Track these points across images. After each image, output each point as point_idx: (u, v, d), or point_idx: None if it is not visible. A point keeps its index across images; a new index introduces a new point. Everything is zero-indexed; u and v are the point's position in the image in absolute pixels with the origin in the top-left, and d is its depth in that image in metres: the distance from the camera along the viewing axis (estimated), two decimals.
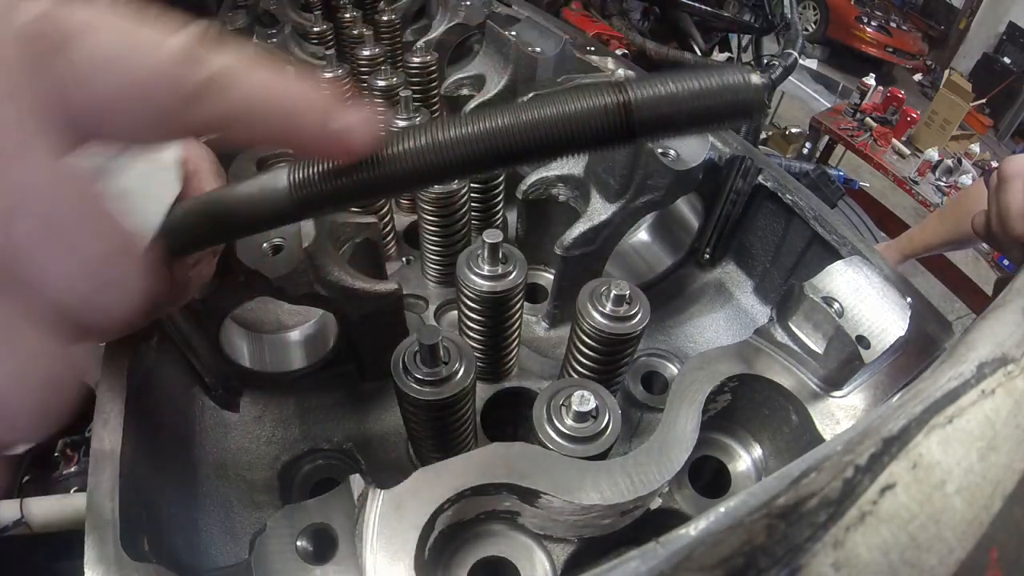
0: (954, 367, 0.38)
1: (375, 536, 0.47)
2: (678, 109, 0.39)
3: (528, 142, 0.40)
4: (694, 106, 0.39)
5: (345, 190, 0.43)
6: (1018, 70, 8.24)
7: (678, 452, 0.55)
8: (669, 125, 0.40)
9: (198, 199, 0.48)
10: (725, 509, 0.29)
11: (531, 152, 0.41)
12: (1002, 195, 0.85)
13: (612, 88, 0.39)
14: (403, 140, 0.42)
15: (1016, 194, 0.83)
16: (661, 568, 0.27)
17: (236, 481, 0.76)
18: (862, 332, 0.62)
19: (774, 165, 0.93)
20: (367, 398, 0.88)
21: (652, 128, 0.40)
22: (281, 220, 0.47)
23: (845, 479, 0.31)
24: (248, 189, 0.45)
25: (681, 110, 0.39)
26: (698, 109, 0.39)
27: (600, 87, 0.40)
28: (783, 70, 2.53)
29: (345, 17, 1.47)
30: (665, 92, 0.39)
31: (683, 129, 0.41)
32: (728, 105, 0.39)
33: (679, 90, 0.39)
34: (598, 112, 0.39)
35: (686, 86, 0.39)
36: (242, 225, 0.47)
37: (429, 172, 0.42)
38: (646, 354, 0.97)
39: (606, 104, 0.39)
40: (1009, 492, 0.33)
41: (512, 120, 0.40)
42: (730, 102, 0.39)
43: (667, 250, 1.10)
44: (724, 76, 0.39)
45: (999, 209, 0.86)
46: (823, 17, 8.85)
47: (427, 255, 1.02)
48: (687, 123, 0.40)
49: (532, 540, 0.60)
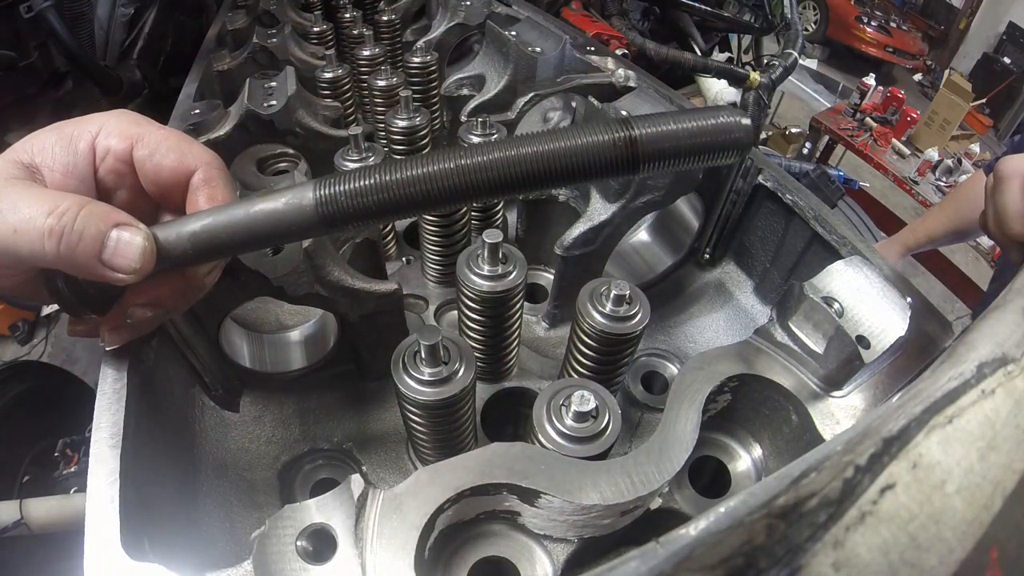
0: (954, 367, 0.38)
1: (375, 536, 0.47)
2: (678, 145, 0.44)
3: (544, 171, 0.44)
4: (692, 143, 0.44)
5: (371, 209, 0.45)
6: (1018, 70, 8.24)
7: (678, 452, 0.55)
8: (669, 159, 0.44)
9: (219, 211, 0.48)
10: (725, 509, 0.29)
11: (546, 180, 0.45)
12: (998, 196, 0.85)
13: (620, 124, 0.44)
14: (428, 163, 0.44)
15: (1012, 194, 0.83)
16: (661, 568, 0.27)
17: (236, 481, 0.76)
18: (862, 332, 0.62)
19: (774, 165, 0.93)
20: (367, 398, 0.88)
21: (654, 161, 0.44)
22: (304, 235, 0.49)
23: (845, 479, 0.31)
24: (272, 204, 0.47)
25: (680, 146, 0.44)
26: (695, 146, 0.44)
27: (609, 123, 0.44)
28: (783, 70, 2.53)
29: (345, 17, 1.47)
30: (666, 130, 0.44)
31: (681, 163, 0.45)
32: (721, 144, 0.44)
33: (679, 128, 0.44)
34: (607, 146, 0.44)
35: (685, 125, 0.44)
36: (265, 239, 0.48)
37: (452, 194, 0.45)
38: (646, 354, 0.97)
39: (615, 139, 0.44)
40: (1009, 492, 0.33)
41: (529, 150, 0.44)
42: (723, 141, 0.44)
43: (667, 250, 1.10)
44: (719, 117, 0.44)
45: (996, 209, 0.86)
46: (823, 17, 8.84)
47: (427, 255, 1.02)
48: (685, 158, 0.45)
49: (532, 540, 0.60)
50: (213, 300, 0.71)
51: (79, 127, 0.52)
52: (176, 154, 0.52)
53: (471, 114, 1.04)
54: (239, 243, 0.48)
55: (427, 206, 0.46)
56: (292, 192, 0.46)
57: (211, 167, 0.53)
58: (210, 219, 0.48)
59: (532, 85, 1.05)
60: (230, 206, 0.49)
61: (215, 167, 0.54)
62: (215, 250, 0.49)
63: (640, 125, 0.43)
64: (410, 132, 1.00)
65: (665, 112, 0.45)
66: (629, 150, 0.43)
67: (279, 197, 0.46)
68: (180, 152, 0.53)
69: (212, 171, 0.53)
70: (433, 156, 0.45)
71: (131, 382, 0.58)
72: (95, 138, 0.52)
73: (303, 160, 1.02)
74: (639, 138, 0.43)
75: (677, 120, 0.44)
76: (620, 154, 0.43)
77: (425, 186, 0.44)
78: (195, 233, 0.48)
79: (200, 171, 0.53)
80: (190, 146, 0.54)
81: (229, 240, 0.48)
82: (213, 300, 0.71)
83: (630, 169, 0.44)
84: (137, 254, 0.46)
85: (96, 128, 0.52)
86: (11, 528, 1.24)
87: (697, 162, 0.45)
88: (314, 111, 0.98)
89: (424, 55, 1.18)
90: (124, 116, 0.54)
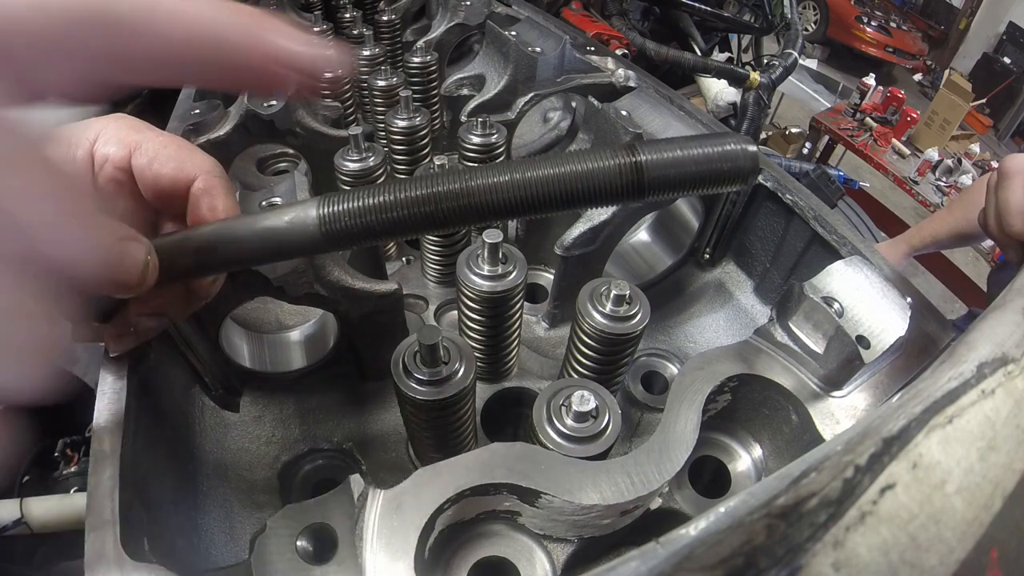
0: (954, 367, 0.38)
1: (375, 536, 0.47)
2: (683, 172, 0.43)
3: (549, 195, 0.44)
4: (697, 170, 0.43)
5: (375, 227, 0.45)
6: (1018, 70, 8.23)
7: (678, 452, 0.55)
8: (674, 186, 0.44)
9: (223, 227, 0.48)
10: (725, 509, 0.29)
11: (551, 204, 0.44)
12: (1001, 192, 0.85)
13: (625, 150, 0.43)
14: (433, 184, 0.44)
15: (1016, 191, 0.83)
16: (661, 568, 0.27)
17: (236, 481, 0.76)
18: (862, 332, 0.62)
19: (774, 165, 0.93)
20: (367, 398, 0.88)
21: (659, 188, 0.44)
22: (307, 252, 0.49)
23: (845, 479, 0.31)
24: (275, 221, 0.46)
25: (685, 173, 0.43)
26: (700, 173, 0.43)
27: (615, 149, 0.44)
28: (783, 70, 2.53)
29: (345, 17, 1.47)
30: (672, 156, 0.43)
31: (686, 190, 0.45)
32: (726, 172, 0.44)
33: (684, 155, 0.43)
34: (613, 172, 0.43)
35: (691, 152, 0.43)
36: (268, 256, 0.48)
37: (457, 216, 0.45)
38: (646, 354, 0.97)
39: (620, 165, 0.43)
40: (1009, 492, 0.33)
41: (535, 174, 0.44)
42: (728, 169, 0.43)
43: (667, 250, 1.10)
44: (724, 144, 0.44)
45: (998, 206, 0.85)
46: (823, 17, 8.84)
47: (427, 255, 1.02)
48: (690, 185, 0.44)
49: (532, 540, 0.60)
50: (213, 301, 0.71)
51: (76, 134, 0.51)
52: (175, 162, 0.52)
53: (471, 114, 1.04)
54: (242, 260, 0.48)
55: (430, 227, 0.46)
56: (296, 209, 0.46)
57: (211, 175, 0.53)
58: (213, 234, 0.48)
59: (532, 85, 1.05)
60: (234, 221, 0.49)
61: (215, 175, 0.53)
62: (218, 265, 0.49)
63: (646, 151, 0.43)
64: (410, 132, 1.00)
65: (671, 138, 0.44)
66: (634, 176, 0.43)
67: (283, 214, 0.46)
68: (179, 160, 0.52)
69: (212, 179, 0.53)
70: (437, 178, 0.45)
71: (131, 382, 0.58)
72: (93, 145, 0.51)
73: (303, 160, 1.02)
74: (644, 164, 0.43)
75: (683, 147, 0.43)
76: (626, 180, 0.43)
77: (429, 208, 0.44)
78: (198, 248, 0.48)
79: (200, 179, 0.52)
80: (190, 154, 0.53)
81: (232, 256, 0.48)
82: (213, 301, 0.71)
83: (635, 195, 0.44)
84: (139, 269, 0.45)
85: (94, 135, 0.51)
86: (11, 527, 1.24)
87: (702, 190, 0.45)
88: (314, 111, 0.98)
89: (424, 55, 1.18)
90: (122, 121, 0.53)
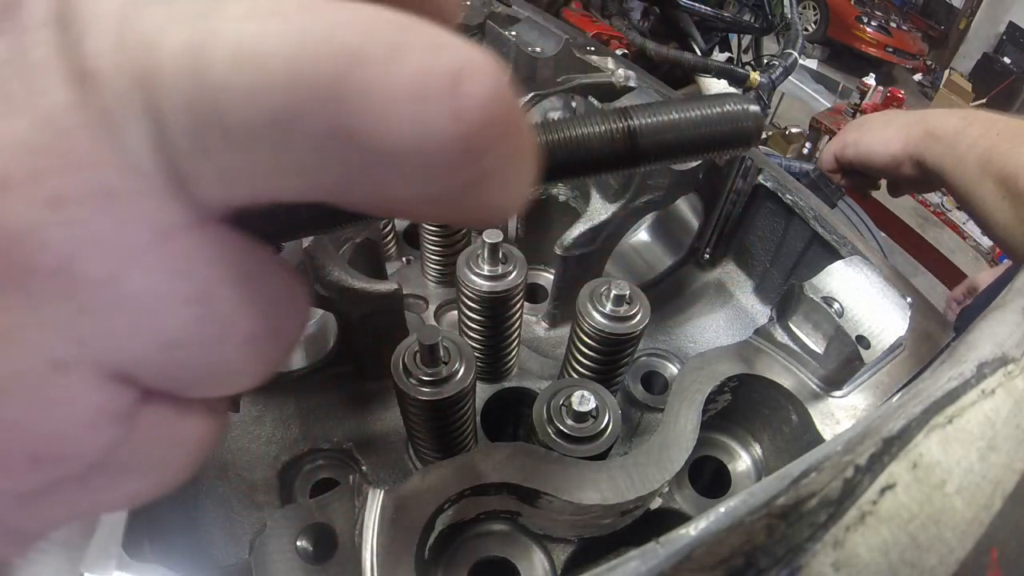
0: (954, 367, 0.38)
1: (375, 536, 0.47)
2: (681, 136, 0.40)
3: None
4: (695, 134, 0.40)
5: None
6: (1018, 70, 8.23)
7: (678, 452, 0.55)
8: (671, 152, 0.41)
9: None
10: (725, 509, 0.29)
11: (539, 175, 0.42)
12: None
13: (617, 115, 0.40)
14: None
15: (832, 142, 1.22)
16: (661, 568, 0.27)
17: (236, 481, 0.76)
18: (862, 332, 0.62)
19: (774, 165, 0.93)
20: (367, 398, 0.88)
21: (655, 155, 0.41)
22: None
23: (845, 479, 0.31)
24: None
25: (683, 138, 0.40)
26: (699, 137, 0.41)
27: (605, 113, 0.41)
28: (783, 70, 2.53)
29: None
30: (668, 120, 0.40)
31: (684, 156, 0.42)
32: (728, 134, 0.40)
33: (681, 118, 0.40)
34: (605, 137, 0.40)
35: (688, 114, 0.40)
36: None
37: None
38: (646, 354, 0.97)
39: (612, 130, 0.40)
40: (1009, 492, 0.33)
41: None
42: (730, 131, 0.40)
43: (667, 250, 1.10)
44: (725, 105, 0.40)
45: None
46: (823, 17, 8.84)
47: (427, 255, 1.02)
48: (688, 150, 0.41)
49: (532, 540, 0.60)
50: None
51: None
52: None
53: None
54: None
55: None
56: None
57: None
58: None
59: (532, 85, 1.05)
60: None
61: None
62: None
63: (639, 115, 0.40)
64: None
65: (667, 100, 0.41)
66: (628, 143, 0.40)
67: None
68: None
69: None
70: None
71: None
72: None
73: None
74: (638, 129, 0.40)
75: (680, 109, 0.40)
76: (618, 147, 0.40)
77: None
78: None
79: None
80: None
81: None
82: None
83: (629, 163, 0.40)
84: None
85: None
86: None
87: (703, 154, 0.42)
88: None
89: None
90: None
